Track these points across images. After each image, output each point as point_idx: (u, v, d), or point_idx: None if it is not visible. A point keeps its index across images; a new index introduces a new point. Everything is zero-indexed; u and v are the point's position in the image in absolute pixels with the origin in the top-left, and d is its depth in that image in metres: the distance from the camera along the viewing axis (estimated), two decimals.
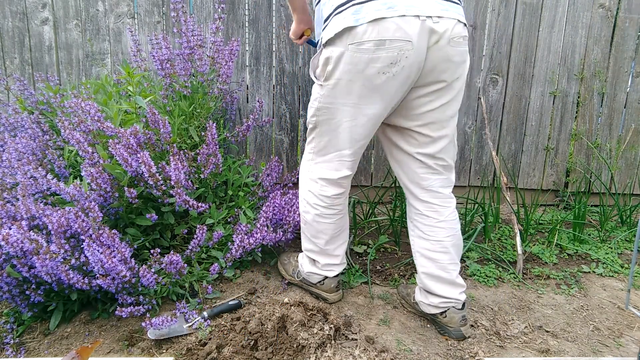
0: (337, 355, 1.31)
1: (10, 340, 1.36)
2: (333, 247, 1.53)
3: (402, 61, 1.18)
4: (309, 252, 1.57)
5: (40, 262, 1.27)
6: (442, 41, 1.20)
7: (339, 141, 1.37)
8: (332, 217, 1.47)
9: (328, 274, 1.55)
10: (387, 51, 1.17)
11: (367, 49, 1.17)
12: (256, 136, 2.48)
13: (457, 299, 1.41)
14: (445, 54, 1.22)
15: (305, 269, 1.60)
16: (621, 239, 2.21)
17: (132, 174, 1.51)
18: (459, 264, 1.45)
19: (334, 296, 1.59)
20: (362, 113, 1.30)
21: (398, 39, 1.15)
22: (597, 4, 2.42)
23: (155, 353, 1.33)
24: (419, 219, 1.45)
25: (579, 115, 2.57)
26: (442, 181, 1.42)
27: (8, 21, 2.36)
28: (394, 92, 1.25)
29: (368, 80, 1.22)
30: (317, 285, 1.58)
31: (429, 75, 1.26)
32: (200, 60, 1.87)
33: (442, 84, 1.28)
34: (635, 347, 1.43)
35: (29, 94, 1.92)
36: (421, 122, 1.34)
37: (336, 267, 1.55)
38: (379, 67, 1.19)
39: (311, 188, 1.47)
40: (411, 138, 1.39)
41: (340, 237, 1.54)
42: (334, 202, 1.45)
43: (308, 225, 1.52)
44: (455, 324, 1.41)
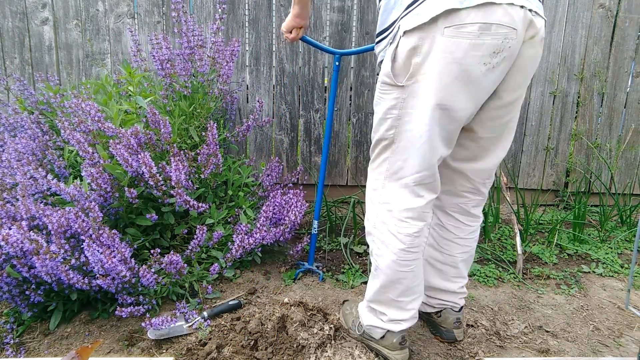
0: (337, 355, 1.31)
1: (10, 340, 1.36)
2: (408, 300, 1.24)
3: (505, 51, 1.02)
4: (375, 303, 1.29)
5: (40, 262, 1.27)
6: (537, 37, 1.08)
7: (421, 159, 1.12)
8: (412, 263, 1.20)
9: (392, 328, 1.26)
10: (492, 37, 1.00)
11: (470, 32, 0.99)
12: (256, 136, 2.48)
13: (456, 302, 1.41)
14: (536, 53, 1.10)
15: (365, 321, 1.33)
16: (621, 239, 2.21)
17: (132, 174, 1.51)
18: (466, 278, 1.40)
19: (398, 355, 1.28)
20: (450, 116, 1.08)
21: (505, 24, 1.00)
22: (597, 4, 2.42)
23: (155, 353, 1.33)
24: (437, 230, 1.37)
25: (579, 115, 2.57)
26: (477, 201, 1.32)
27: (8, 21, 2.36)
28: (489, 88, 1.08)
29: (465, 71, 1.02)
30: (378, 340, 1.30)
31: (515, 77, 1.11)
32: (201, 61, 1.87)
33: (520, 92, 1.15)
34: (635, 347, 1.43)
35: (29, 94, 1.92)
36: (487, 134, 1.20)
37: (404, 322, 1.26)
38: (480, 55, 1.01)
39: (390, 226, 1.19)
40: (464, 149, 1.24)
41: (417, 289, 1.25)
42: (414, 243, 1.18)
43: (380, 272, 1.23)
44: (448, 325, 1.41)
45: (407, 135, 1.12)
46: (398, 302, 1.24)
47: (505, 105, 1.15)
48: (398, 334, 1.27)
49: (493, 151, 1.24)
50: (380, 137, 1.19)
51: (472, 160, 1.26)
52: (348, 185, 2.58)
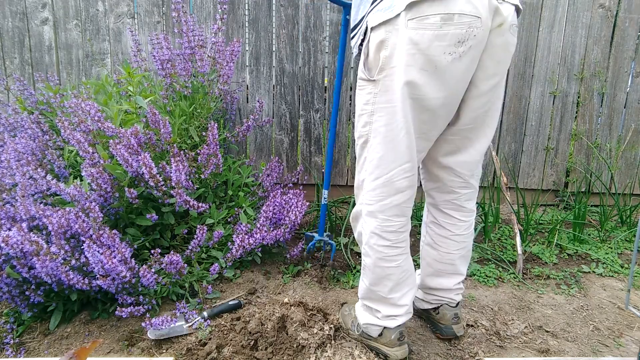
0: (337, 355, 1.31)
1: (10, 340, 1.36)
2: (399, 296, 1.26)
3: (470, 40, 1.02)
4: (368, 300, 1.31)
5: (40, 263, 1.27)
6: (505, 25, 1.07)
7: (398, 153, 1.13)
8: (396, 258, 1.22)
9: (388, 325, 1.27)
10: (455, 27, 1.01)
11: (433, 23, 1.00)
12: (256, 136, 2.48)
13: (452, 298, 1.41)
14: (505, 41, 1.09)
15: (361, 320, 1.34)
16: (621, 239, 2.21)
17: (132, 174, 1.51)
18: (463, 275, 1.40)
19: (396, 352, 1.28)
20: (421, 105, 1.08)
21: (467, 13, 1.01)
22: (597, 4, 2.42)
23: (155, 353, 1.33)
24: (433, 227, 1.38)
25: (579, 115, 2.57)
26: (469, 195, 1.31)
27: (8, 21, 2.36)
28: (458, 78, 1.08)
29: (430, 62, 1.03)
30: (376, 338, 1.31)
31: (487, 66, 1.11)
32: (201, 61, 1.87)
33: (497, 79, 1.14)
34: (635, 347, 1.43)
35: (28, 94, 1.92)
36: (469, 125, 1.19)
37: (399, 317, 1.28)
38: (444, 45, 1.02)
39: (371, 225, 1.21)
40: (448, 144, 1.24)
41: (407, 283, 1.26)
42: (398, 238, 1.21)
43: (367, 271, 1.26)
44: (447, 321, 1.41)
45: (382, 130, 1.13)
46: (389, 298, 1.25)
47: (483, 94, 1.16)
48: (395, 330, 1.27)
49: (477, 140, 1.23)
50: (359, 134, 1.20)
51: (456, 153, 1.25)
52: (348, 185, 2.58)
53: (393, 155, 1.14)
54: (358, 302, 1.39)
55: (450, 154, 1.26)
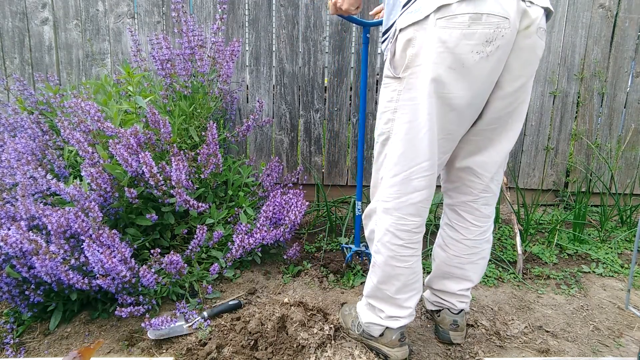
0: (337, 355, 1.31)
1: (10, 340, 1.36)
2: (405, 297, 1.25)
3: (498, 40, 1.04)
4: (374, 299, 1.30)
5: (40, 263, 1.27)
6: (533, 27, 1.08)
7: (419, 150, 1.13)
8: (408, 259, 1.21)
9: (391, 325, 1.27)
10: (483, 26, 1.02)
11: (461, 22, 1.02)
12: (256, 136, 2.48)
13: (453, 304, 1.40)
14: (533, 43, 1.10)
15: (364, 319, 1.34)
16: (621, 239, 2.21)
17: (132, 174, 1.51)
18: (472, 282, 1.37)
19: (397, 352, 1.28)
20: (447, 104, 1.09)
21: (495, 14, 1.02)
22: (597, 4, 2.42)
23: (155, 353, 1.33)
24: (446, 229, 1.37)
25: (579, 115, 2.57)
26: (487, 199, 1.29)
27: (8, 21, 2.36)
28: (485, 77, 1.08)
29: (458, 61, 1.05)
30: (377, 338, 1.31)
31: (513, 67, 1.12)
32: (201, 61, 1.87)
33: (522, 80, 1.14)
34: (635, 347, 1.43)
35: (28, 94, 1.92)
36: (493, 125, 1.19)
37: (402, 319, 1.27)
38: (472, 44, 1.03)
39: (385, 223, 1.21)
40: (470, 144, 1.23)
41: (415, 287, 1.26)
42: (412, 239, 1.20)
43: (377, 269, 1.26)
44: (445, 326, 1.40)
45: (403, 127, 1.14)
46: (395, 299, 1.25)
47: (507, 96, 1.15)
48: (396, 331, 1.27)
49: (498, 142, 1.22)
50: (380, 131, 1.20)
51: (477, 153, 1.24)
52: (348, 185, 2.58)
53: (413, 153, 1.14)
54: (360, 301, 1.39)
55: (471, 154, 1.25)
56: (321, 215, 2.38)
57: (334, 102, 2.45)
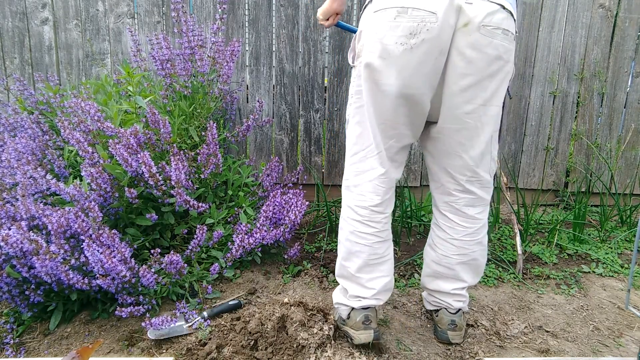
0: (337, 355, 1.31)
1: (10, 340, 1.36)
2: (367, 278, 1.29)
3: (423, 33, 1.10)
4: (340, 277, 1.37)
5: (40, 263, 1.27)
6: (471, 26, 1.10)
7: (369, 132, 1.24)
8: (369, 237, 1.26)
9: (354, 305, 1.31)
10: (407, 19, 1.10)
11: (389, 15, 1.12)
12: (256, 136, 2.48)
13: (450, 304, 1.40)
14: (474, 41, 1.12)
15: (335, 299, 1.40)
16: (621, 239, 2.21)
17: (132, 174, 1.51)
18: (465, 282, 1.37)
19: (360, 335, 1.28)
20: (380, 90, 1.18)
21: (421, 8, 1.09)
22: (597, 4, 2.42)
23: (155, 353, 1.33)
24: (434, 229, 1.40)
25: (579, 115, 2.57)
26: (468, 200, 1.31)
27: (8, 21, 2.36)
28: (413, 69, 1.14)
29: (385, 50, 1.14)
30: (345, 320, 1.34)
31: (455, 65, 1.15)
32: (201, 61, 1.87)
33: (470, 78, 1.15)
34: (635, 347, 1.43)
35: (28, 94, 1.92)
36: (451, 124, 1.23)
37: (365, 300, 1.30)
38: (397, 35, 1.11)
39: (347, 199, 1.31)
40: (439, 142, 1.28)
41: (378, 268, 1.29)
42: (371, 217, 1.26)
43: (340, 245, 1.34)
44: (443, 326, 1.40)
45: (358, 111, 1.27)
46: (357, 277, 1.30)
47: (457, 94, 1.18)
48: (360, 312, 1.30)
49: (470, 146, 1.25)
50: (346, 115, 1.34)
51: (449, 155, 1.28)
52: None
53: (366, 133, 1.25)
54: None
55: (444, 155, 1.29)
56: (321, 215, 2.38)
57: (334, 102, 2.45)
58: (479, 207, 1.32)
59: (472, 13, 1.10)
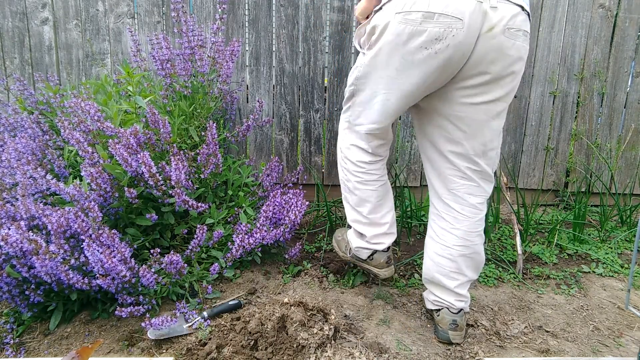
0: (337, 355, 1.31)
1: (10, 340, 1.36)
2: (379, 215, 1.48)
3: (448, 39, 1.10)
4: (355, 223, 1.52)
5: (40, 263, 1.26)
6: (497, 29, 1.11)
7: (372, 113, 1.35)
8: (373, 183, 1.45)
9: (377, 247, 1.49)
10: (434, 25, 1.10)
11: (414, 20, 1.11)
12: (256, 136, 2.48)
13: (452, 303, 1.40)
14: (498, 44, 1.13)
15: (353, 244, 1.54)
16: (621, 239, 2.21)
17: (132, 174, 1.51)
18: (467, 277, 1.38)
19: (385, 272, 1.51)
20: (397, 88, 1.24)
21: (448, 14, 1.08)
22: (597, 4, 2.42)
23: (155, 353, 1.33)
24: (435, 219, 1.41)
25: (579, 115, 2.57)
26: (469, 188, 1.33)
27: (8, 21, 2.36)
28: (433, 71, 1.17)
29: (409, 54, 1.16)
30: (367, 260, 1.52)
31: (475, 66, 1.17)
32: (201, 61, 1.87)
33: (487, 77, 1.18)
34: (635, 347, 1.43)
35: (28, 94, 1.92)
36: (458, 113, 1.26)
37: (384, 237, 1.49)
38: (421, 41, 1.12)
39: (348, 155, 1.47)
40: (444, 131, 1.31)
41: (385, 205, 1.49)
42: (371, 168, 1.45)
43: (350, 194, 1.50)
44: (444, 325, 1.40)
45: (362, 94, 1.37)
46: (370, 218, 1.47)
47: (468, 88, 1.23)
48: (384, 254, 1.50)
49: (471, 136, 1.28)
50: (347, 89, 1.43)
51: (451, 142, 1.32)
52: None
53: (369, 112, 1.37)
54: (350, 229, 1.58)
55: (444, 140, 1.33)
56: (321, 215, 2.38)
57: (334, 102, 2.45)
58: (479, 197, 1.35)
59: (496, 17, 1.11)
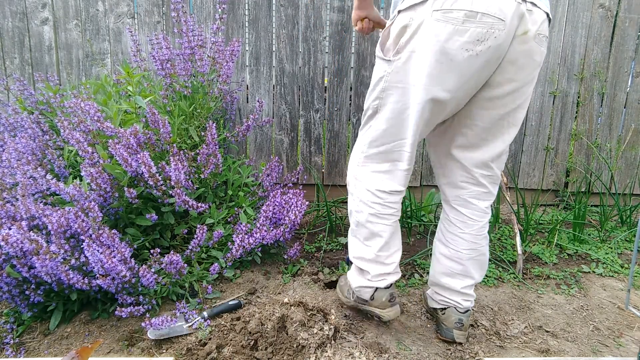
0: (337, 355, 1.31)
1: (10, 340, 1.36)
2: (387, 254, 1.35)
3: (490, 40, 1.05)
4: (359, 260, 1.39)
5: (40, 263, 1.27)
6: (531, 33, 1.08)
7: (402, 128, 1.22)
8: (389, 217, 1.32)
9: (379, 285, 1.35)
10: (477, 25, 1.03)
11: (455, 18, 1.04)
12: (256, 136, 2.48)
13: (459, 302, 1.40)
14: (530, 49, 1.10)
15: (354, 283, 1.41)
16: (621, 239, 2.21)
17: (132, 174, 1.51)
18: (474, 279, 1.38)
19: (389, 312, 1.37)
20: (432, 95, 1.13)
21: (491, 14, 1.03)
22: (597, 4, 2.42)
23: (155, 353, 1.33)
24: (444, 223, 1.40)
25: (579, 115, 2.57)
26: (479, 194, 1.32)
27: (8, 21, 2.36)
28: (471, 75, 1.10)
29: (446, 55, 1.07)
30: (368, 301, 1.38)
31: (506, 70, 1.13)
32: (201, 61, 1.87)
33: (514, 84, 1.15)
34: (635, 347, 1.43)
35: (28, 94, 1.92)
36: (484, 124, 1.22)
37: (388, 276, 1.36)
38: (463, 41, 1.05)
39: (366, 183, 1.33)
40: (462, 137, 1.27)
41: (394, 244, 1.36)
42: (391, 200, 1.30)
43: (361, 227, 1.35)
44: (449, 324, 1.40)
45: (388, 107, 1.22)
46: (378, 257, 1.34)
47: (497, 98, 1.17)
48: (386, 291, 1.36)
49: (491, 142, 1.26)
50: (368, 105, 1.28)
51: (469, 149, 1.28)
52: None
53: (396, 130, 1.23)
54: (350, 270, 1.47)
55: (462, 147, 1.29)
56: (321, 215, 2.38)
57: (334, 102, 2.45)
58: (486, 201, 1.34)
59: (531, 21, 1.08)
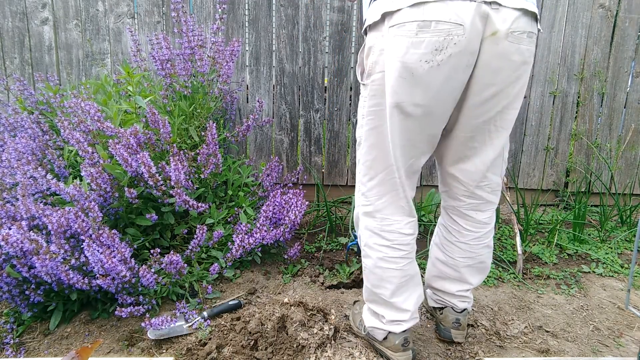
0: (337, 355, 1.31)
1: (10, 340, 1.36)
2: (401, 299, 1.23)
3: (450, 48, 0.99)
4: (372, 303, 1.30)
5: (40, 262, 1.27)
6: (500, 34, 1.01)
7: (387, 154, 1.15)
8: (400, 260, 1.20)
9: (393, 330, 1.25)
10: (432, 34, 0.98)
11: (409, 30, 0.99)
12: (256, 136, 2.48)
13: (455, 304, 1.39)
14: (503, 50, 1.03)
15: (367, 322, 1.33)
16: (621, 239, 2.21)
17: (132, 174, 1.51)
18: (471, 284, 1.36)
19: (400, 357, 1.26)
20: (403, 113, 1.07)
21: (446, 21, 0.97)
22: (597, 4, 2.42)
23: (155, 353, 1.33)
24: (442, 229, 1.37)
25: (579, 115, 2.57)
26: (476, 205, 1.27)
27: (8, 21, 2.36)
28: (440, 86, 1.04)
29: (407, 70, 1.02)
30: (381, 341, 1.30)
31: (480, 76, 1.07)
32: (201, 61, 1.87)
33: (494, 88, 1.08)
34: (635, 347, 1.43)
35: (28, 94, 1.92)
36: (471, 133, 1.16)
37: (404, 323, 1.25)
38: (420, 53, 1.00)
39: (368, 224, 1.22)
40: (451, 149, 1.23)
41: (409, 287, 1.24)
42: (399, 240, 1.20)
43: (368, 272, 1.25)
44: (447, 324, 1.40)
45: (372, 133, 1.16)
46: (392, 302, 1.23)
47: (478, 104, 1.11)
48: (400, 336, 1.25)
49: (483, 151, 1.19)
50: (357, 137, 1.23)
51: (462, 161, 1.23)
52: (348, 185, 2.58)
53: (383, 154, 1.16)
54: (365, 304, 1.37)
55: (456, 161, 1.24)
56: (321, 215, 2.38)
57: (334, 102, 2.45)
58: (487, 212, 1.29)
59: (499, 20, 1.01)
